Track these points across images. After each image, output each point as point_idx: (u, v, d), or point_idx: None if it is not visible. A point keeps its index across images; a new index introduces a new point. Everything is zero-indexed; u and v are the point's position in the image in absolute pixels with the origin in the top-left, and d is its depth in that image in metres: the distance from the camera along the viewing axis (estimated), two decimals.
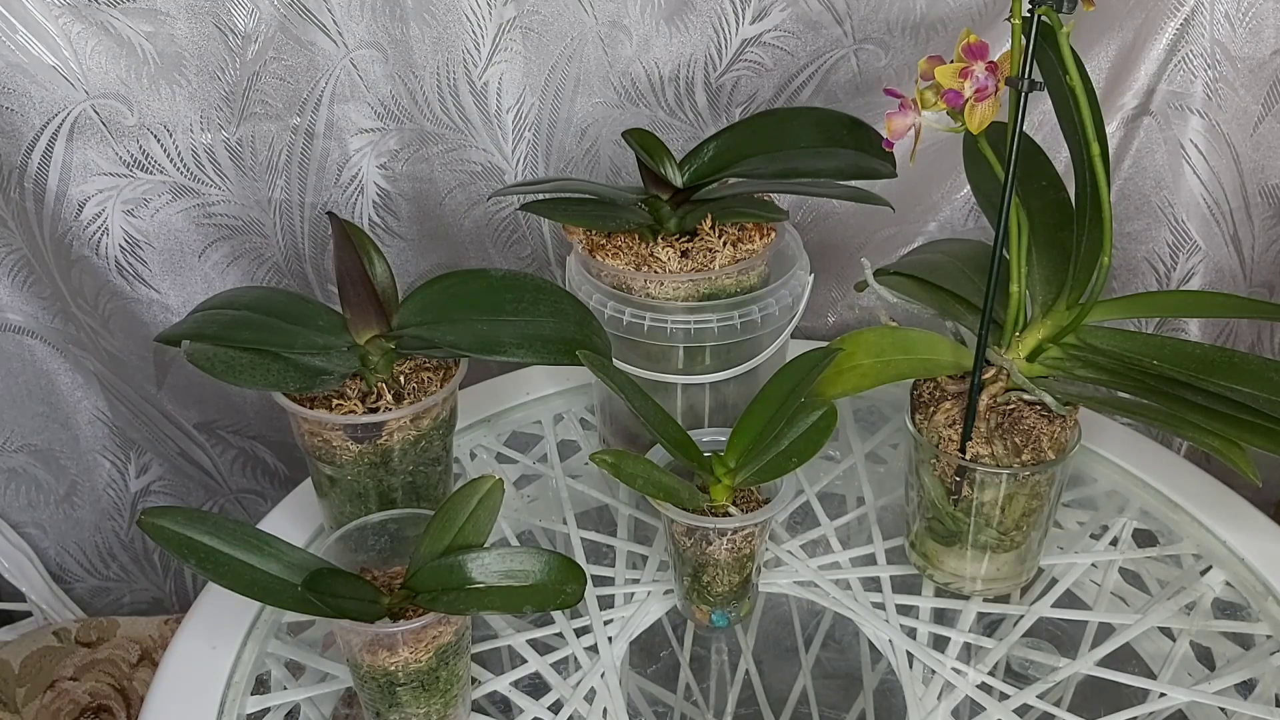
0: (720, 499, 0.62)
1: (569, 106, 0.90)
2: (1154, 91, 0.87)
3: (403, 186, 0.94)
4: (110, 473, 1.05)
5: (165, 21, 0.81)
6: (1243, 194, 0.90)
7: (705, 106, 0.91)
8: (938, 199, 0.96)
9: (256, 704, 0.62)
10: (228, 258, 0.94)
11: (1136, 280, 0.96)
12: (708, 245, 0.68)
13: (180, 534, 0.52)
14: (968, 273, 0.69)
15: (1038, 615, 0.67)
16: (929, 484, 0.65)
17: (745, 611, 0.66)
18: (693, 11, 0.86)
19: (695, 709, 0.67)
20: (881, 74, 0.91)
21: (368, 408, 0.62)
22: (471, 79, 0.86)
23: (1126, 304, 0.65)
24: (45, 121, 0.82)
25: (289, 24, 0.83)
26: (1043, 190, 0.66)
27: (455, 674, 0.57)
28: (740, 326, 0.67)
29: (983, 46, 0.53)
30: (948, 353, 0.65)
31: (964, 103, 0.54)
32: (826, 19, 0.87)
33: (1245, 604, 0.67)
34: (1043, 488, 0.63)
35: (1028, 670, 0.65)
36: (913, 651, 0.64)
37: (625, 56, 0.88)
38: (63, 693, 0.94)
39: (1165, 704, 0.61)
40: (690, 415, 0.72)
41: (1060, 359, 0.63)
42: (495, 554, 0.55)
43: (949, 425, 0.63)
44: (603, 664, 0.64)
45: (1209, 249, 0.92)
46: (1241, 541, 0.70)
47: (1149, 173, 0.91)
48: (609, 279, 0.68)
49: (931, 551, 0.68)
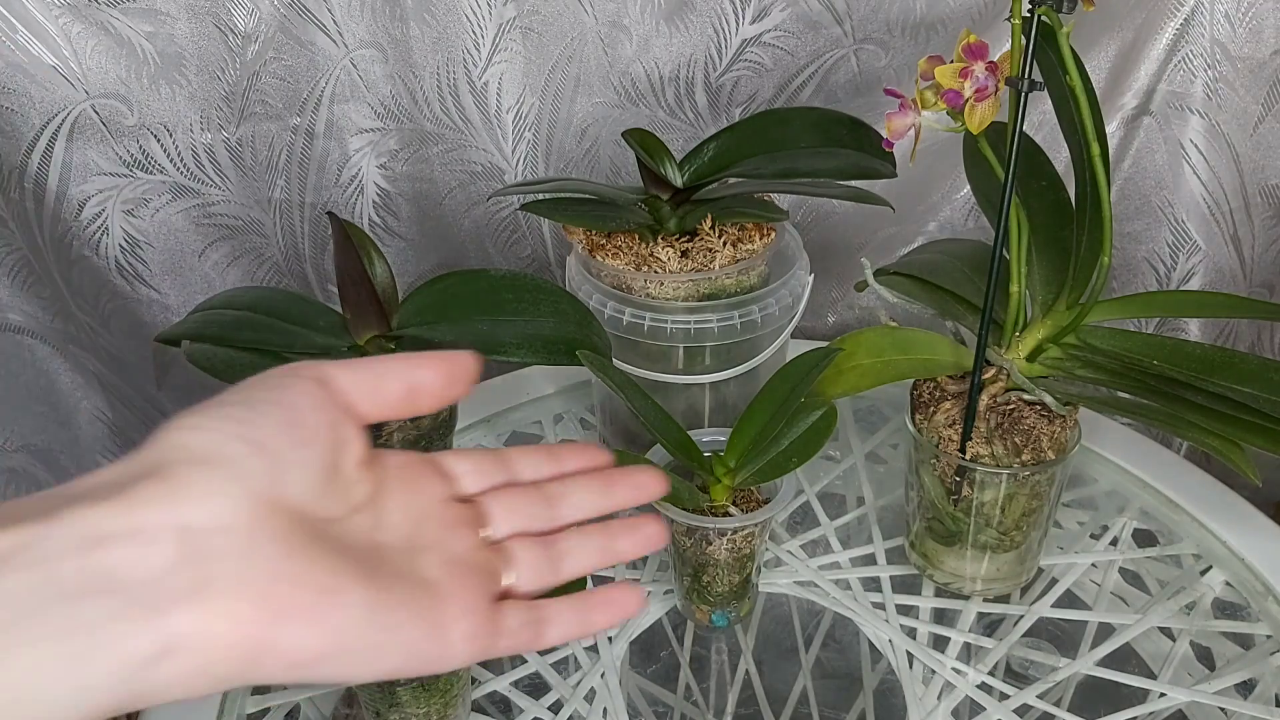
0: (720, 499, 0.62)
1: (569, 106, 0.90)
2: (1154, 91, 0.87)
3: (403, 186, 0.94)
4: None
5: (165, 21, 0.81)
6: (1243, 194, 0.90)
7: (705, 106, 0.91)
8: (938, 199, 0.96)
9: (257, 704, 0.62)
10: (228, 258, 0.94)
11: (1136, 280, 0.96)
12: (708, 245, 0.68)
13: None
14: (968, 273, 0.69)
15: (1038, 615, 0.67)
16: (929, 484, 0.65)
17: (745, 611, 0.66)
18: (693, 11, 0.86)
19: (695, 709, 0.67)
20: (881, 74, 0.91)
21: None
22: (471, 79, 0.86)
23: (1126, 304, 0.65)
24: (45, 121, 0.82)
25: (289, 24, 0.83)
26: (1043, 190, 0.66)
27: (455, 674, 0.57)
28: (740, 326, 0.67)
29: (983, 46, 0.53)
30: (948, 353, 0.65)
31: (964, 103, 0.54)
32: (826, 19, 0.87)
33: (1245, 604, 0.67)
34: (1043, 488, 0.63)
35: (1028, 670, 0.65)
36: (913, 651, 0.64)
37: (625, 56, 0.88)
38: None
39: (1165, 704, 0.61)
40: (690, 415, 0.72)
41: (1060, 359, 0.63)
42: None
43: (949, 425, 0.63)
44: (603, 664, 0.64)
45: (1209, 249, 0.92)
46: (1241, 541, 0.70)
47: (1149, 173, 0.91)
48: (609, 279, 0.68)
49: (931, 551, 0.68)
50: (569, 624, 0.37)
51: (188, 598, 0.28)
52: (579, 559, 0.38)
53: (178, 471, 0.29)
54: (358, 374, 0.34)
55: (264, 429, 0.31)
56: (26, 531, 0.27)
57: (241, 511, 0.29)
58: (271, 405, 0.32)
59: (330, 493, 0.32)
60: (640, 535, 0.39)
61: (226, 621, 0.28)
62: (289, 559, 0.30)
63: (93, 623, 0.27)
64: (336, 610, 0.30)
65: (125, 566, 0.27)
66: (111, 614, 0.27)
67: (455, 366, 0.36)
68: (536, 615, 0.36)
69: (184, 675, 0.28)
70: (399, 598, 0.32)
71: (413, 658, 0.32)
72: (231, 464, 0.30)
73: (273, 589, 0.29)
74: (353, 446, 0.34)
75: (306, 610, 0.29)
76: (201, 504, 0.29)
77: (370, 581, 0.31)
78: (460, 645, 0.33)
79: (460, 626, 0.33)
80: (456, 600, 0.33)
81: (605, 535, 0.38)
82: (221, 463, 0.30)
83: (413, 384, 0.36)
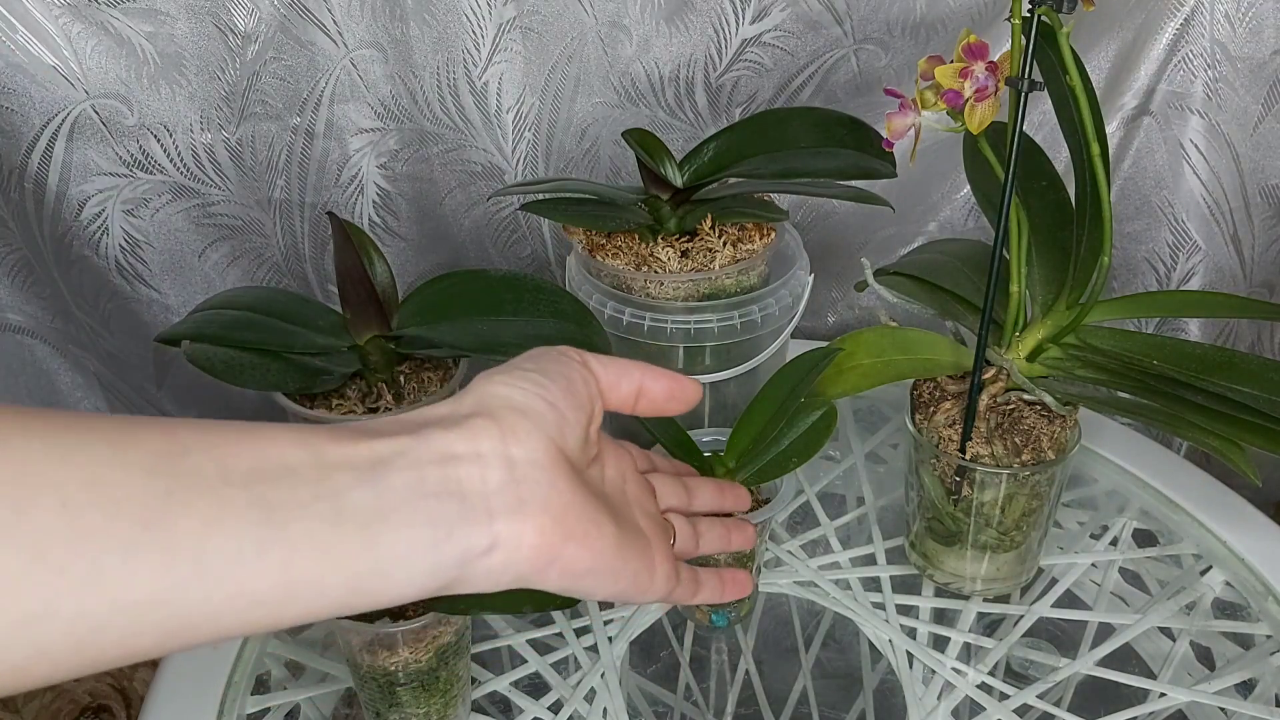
0: None
1: (569, 106, 0.90)
2: (1154, 91, 0.87)
3: (403, 186, 0.94)
4: None
5: (165, 21, 0.81)
6: (1243, 194, 0.90)
7: (705, 106, 0.91)
8: (938, 199, 0.96)
9: (256, 704, 0.62)
10: (228, 258, 0.94)
11: (1136, 280, 0.96)
12: (708, 245, 0.68)
13: None
14: (967, 272, 0.68)
15: (1038, 615, 0.67)
16: (929, 484, 0.65)
17: (745, 611, 0.66)
18: (693, 11, 0.86)
19: (695, 709, 0.67)
20: (881, 74, 0.91)
21: (367, 408, 0.62)
22: (471, 79, 0.86)
23: (1126, 304, 0.65)
24: (45, 121, 0.82)
25: (289, 24, 0.83)
26: (1043, 190, 0.66)
27: (455, 674, 0.57)
28: (740, 326, 0.67)
29: (983, 46, 0.53)
30: (948, 353, 0.65)
31: (964, 103, 0.54)
32: (826, 19, 0.87)
33: (1245, 604, 0.67)
34: (1043, 488, 0.63)
35: (1028, 670, 0.65)
36: (913, 651, 0.64)
37: (625, 56, 0.88)
38: (63, 692, 0.94)
39: (1165, 704, 0.61)
40: (690, 415, 0.71)
41: (1060, 359, 0.63)
42: None
43: (949, 425, 0.63)
44: (603, 664, 0.64)
45: (1209, 249, 0.92)
46: (1241, 541, 0.70)
47: (1149, 172, 0.91)
48: (609, 279, 0.68)
49: (931, 551, 0.68)
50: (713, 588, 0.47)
51: (510, 510, 0.36)
52: (709, 540, 0.49)
53: (504, 416, 0.37)
54: (608, 368, 0.43)
55: (555, 394, 0.39)
56: (400, 442, 0.35)
57: (546, 452, 0.38)
58: (559, 377, 0.40)
59: (584, 450, 0.41)
60: (747, 533, 0.52)
61: (535, 533, 0.36)
62: (574, 493, 0.38)
63: (449, 518, 0.34)
64: (600, 538, 0.38)
65: (470, 480, 0.35)
66: (461, 514, 0.35)
67: (680, 388, 0.45)
68: (695, 576, 0.46)
69: (497, 568, 0.36)
70: (630, 536, 0.41)
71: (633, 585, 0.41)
72: (539, 416, 0.38)
73: (565, 513, 0.37)
74: (597, 419, 0.42)
75: (583, 534, 0.38)
76: (522, 442, 0.37)
77: (614, 520, 0.40)
78: (660, 583, 0.42)
79: (662, 568, 0.42)
80: (658, 547, 0.43)
81: (725, 527, 0.50)
82: (531, 414, 0.38)
83: (643, 389, 0.44)
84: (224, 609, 0.31)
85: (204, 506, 0.30)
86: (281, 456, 0.33)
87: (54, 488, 0.28)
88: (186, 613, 0.30)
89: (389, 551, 0.33)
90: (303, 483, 0.32)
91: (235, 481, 0.31)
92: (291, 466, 0.33)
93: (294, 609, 0.32)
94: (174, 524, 0.30)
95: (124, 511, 0.29)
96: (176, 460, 0.31)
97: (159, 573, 0.29)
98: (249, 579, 0.31)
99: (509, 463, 0.36)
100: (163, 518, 0.30)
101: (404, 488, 0.34)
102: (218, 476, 0.31)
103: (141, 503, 0.29)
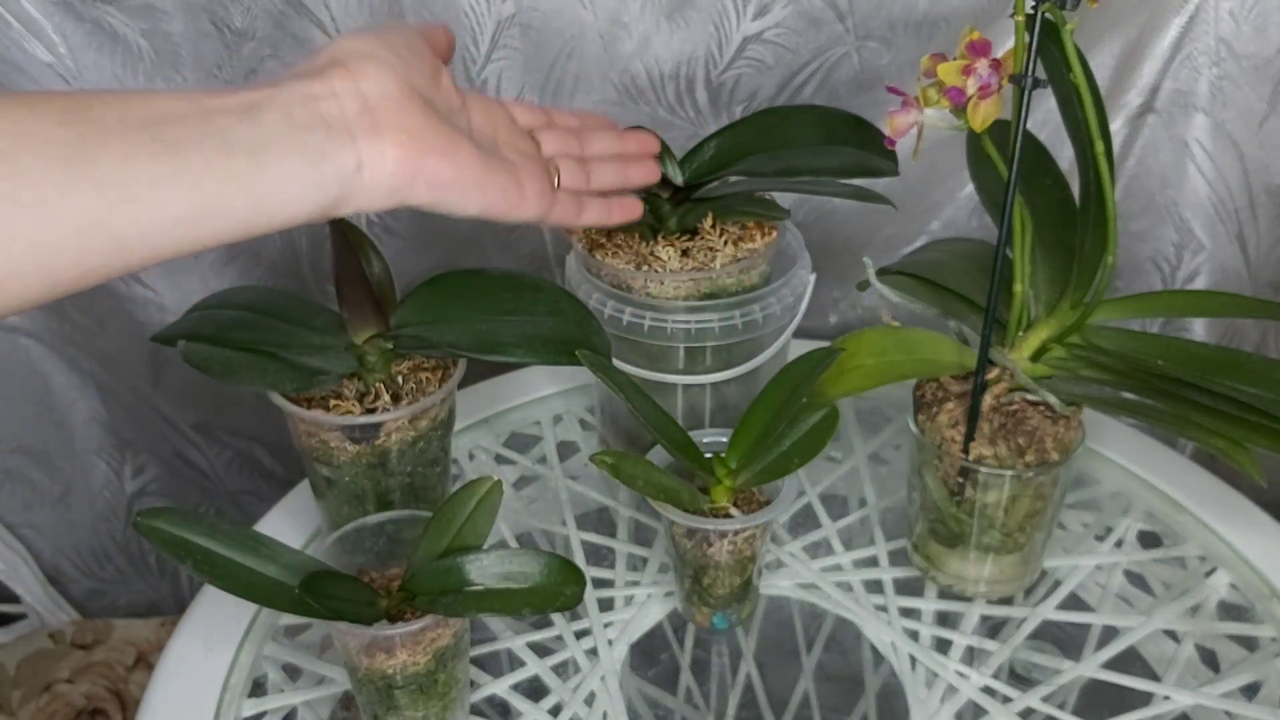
0: (721, 500, 0.61)
1: (568, 104, 0.89)
2: (1159, 89, 0.87)
3: None
4: (106, 474, 1.05)
5: (161, 18, 0.81)
6: (1248, 192, 0.89)
7: (706, 104, 0.90)
8: (940, 197, 0.96)
9: (253, 707, 0.62)
10: (224, 257, 0.94)
11: (1141, 279, 0.96)
12: (708, 244, 0.67)
13: (176, 535, 0.51)
14: (971, 272, 0.68)
15: (1041, 618, 0.66)
16: (932, 485, 0.64)
17: (746, 614, 0.66)
18: (693, 8, 0.85)
19: (696, 712, 0.67)
20: (884, 71, 0.90)
21: (365, 408, 0.62)
22: (470, 76, 0.86)
23: (1131, 303, 0.64)
24: None
25: (285, 20, 0.82)
26: (1046, 189, 0.66)
27: (454, 677, 0.57)
28: (741, 326, 0.66)
29: (986, 44, 0.53)
30: (951, 353, 0.64)
31: (967, 100, 0.53)
32: (828, 16, 0.87)
33: (1250, 606, 0.67)
34: (1046, 489, 0.63)
35: (1031, 673, 0.64)
36: (915, 654, 0.64)
37: (625, 54, 0.87)
38: (58, 695, 0.94)
39: (1169, 707, 0.61)
40: (691, 416, 0.71)
41: (1064, 359, 0.63)
42: (494, 556, 0.54)
43: (952, 426, 0.63)
44: (603, 667, 0.63)
45: (1214, 248, 0.91)
46: (1247, 543, 0.69)
47: (1154, 171, 0.90)
48: (609, 278, 0.68)
49: (934, 553, 0.67)
50: (598, 210, 0.55)
51: (368, 131, 0.44)
52: (602, 175, 0.56)
53: (352, 62, 0.45)
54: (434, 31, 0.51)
55: (398, 46, 0.47)
56: (266, 92, 0.42)
57: (396, 87, 0.45)
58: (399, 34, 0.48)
59: (437, 94, 0.48)
60: (646, 167, 0.58)
61: (395, 148, 0.44)
62: (427, 116, 0.46)
63: (319, 144, 0.42)
64: (459, 152, 0.46)
65: (331, 113, 0.43)
66: (328, 139, 0.43)
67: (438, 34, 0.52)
68: (579, 200, 0.53)
69: (369, 184, 0.44)
70: (495, 159, 0.49)
71: (503, 199, 0.48)
72: (386, 61, 0.46)
73: (420, 132, 0.45)
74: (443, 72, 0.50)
75: (440, 149, 0.46)
76: (373, 80, 0.45)
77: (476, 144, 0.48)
78: (532, 200, 0.50)
79: (532, 188, 0.50)
80: (529, 173, 0.50)
81: (621, 164, 0.57)
82: (379, 59, 0.45)
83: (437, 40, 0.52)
84: (152, 229, 0.38)
85: (116, 145, 0.37)
86: (168, 106, 0.40)
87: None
88: (123, 233, 0.37)
89: (277, 172, 0.41)
90: (192, 124, 0.39)
91: (135, 125, 0.38)
92: (179, 114, 0.39)
93: (211, 226, 0.40)
94: (95, 161, 0.37)
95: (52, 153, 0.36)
96: (82, 113, 0.37)
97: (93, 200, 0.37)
98: (167, 201, 0.38)
99: (362, 96, 0.44)
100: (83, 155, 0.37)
101: (277, 123, 0.41)
102: (119, 122, 0.38)
103: (63, 145, 0.36)
